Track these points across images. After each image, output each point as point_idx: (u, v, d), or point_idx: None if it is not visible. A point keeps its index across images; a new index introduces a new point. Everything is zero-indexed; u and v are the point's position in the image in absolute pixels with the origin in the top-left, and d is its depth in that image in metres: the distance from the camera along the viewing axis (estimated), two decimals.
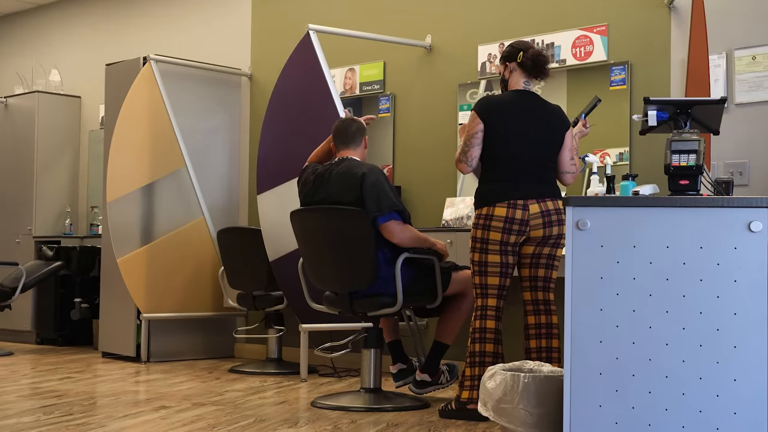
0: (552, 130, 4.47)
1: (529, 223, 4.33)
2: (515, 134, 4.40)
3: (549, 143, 4.45)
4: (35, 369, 6.39)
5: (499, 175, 4.41)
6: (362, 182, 4.65)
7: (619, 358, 3.07)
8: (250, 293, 6.36)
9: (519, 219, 4.32)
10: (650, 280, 3.07)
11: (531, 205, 4.33)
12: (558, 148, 4.48)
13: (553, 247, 4.44)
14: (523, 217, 4.32)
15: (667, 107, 3.50)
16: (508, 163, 4.40)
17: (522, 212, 4.32)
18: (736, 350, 3.00)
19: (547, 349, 4.42)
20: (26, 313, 8.21)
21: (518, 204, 4.32)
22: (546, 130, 4.45)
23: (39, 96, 8.54)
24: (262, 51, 7.39)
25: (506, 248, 4.37)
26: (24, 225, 8.47)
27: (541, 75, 4.51)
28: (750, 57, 5.07)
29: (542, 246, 4.43)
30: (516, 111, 4.44)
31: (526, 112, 4.44)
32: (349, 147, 4.93)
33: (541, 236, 4.38)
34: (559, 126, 4.49)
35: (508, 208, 4.32)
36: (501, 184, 4.38)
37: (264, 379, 5.93)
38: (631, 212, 3.11)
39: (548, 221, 4.36)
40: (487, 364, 4.32)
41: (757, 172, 5.02)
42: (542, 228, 4.36)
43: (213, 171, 7.26)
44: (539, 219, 4.34)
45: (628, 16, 5.51)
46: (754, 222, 3.01)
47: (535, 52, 4.48)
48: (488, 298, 4.44)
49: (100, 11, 8.70)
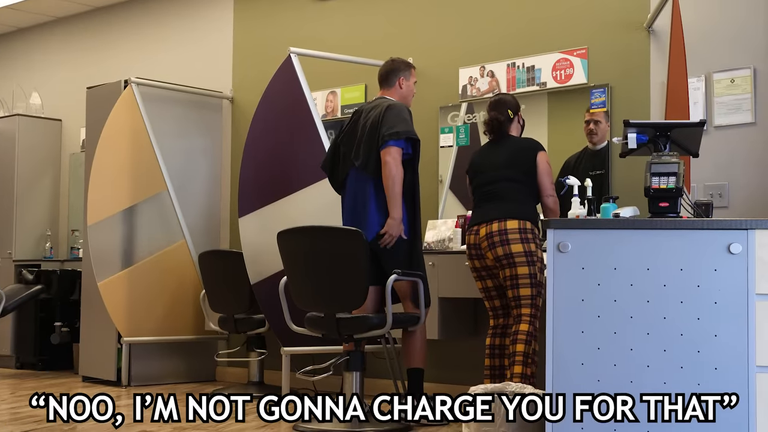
0: (513, 152, 4.82)
1: (480, 246, 4.70)
2: (480, 165, 4.91)
3: (510, 164, 4.80)
4: (14, 394, 6.33)
5: (473, 206, 4.92)
6: (384, 112, 4.93)
7: (601, 380, 3.08)
8: (232, 316, 6.33)
9: (473, 244, 4.74)
10: (631, 302, 3.08)
11: (480, 229, 4.71)
12: (523, 169, 4.79)
13: (511, 267, 4.63)
14: (476, 241, 4.73)
15: (647, 130, 3.53)
16: (477, 198, 4.87)
17: (474, 237, 4.74)
18: (717, 372, 3.01)
19: (512, 353, 4.58)
20: (6, 338, 8.13)
21: (473, 230, 4.75)
22: (507, 153, 4.82)
23: (19, 119, 8.49)
24: (244, 74, 7.39)
25: (480, 273, 4.81)
26: (4, 248, 8.40)
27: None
28: (729, 80, 5.11)
29: (503, 269, 4.66)
30: (490, 153, 4.94)
31: (497, 151, 4.90)
32: (383, 87, 5.23)
33: (493, 257, 4.66)
34: (523, 149, 4.84)
35: (468, 235, 4.78)
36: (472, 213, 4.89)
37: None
38: (611, 234, 3.13)
39: (491, 243, 4.64)
40: (485, 377, 4.76)
41: (736, 194, 5.05)
42: (489, 249, 4.66)
43: (194, 194, 7.24)
44: (485, 241, 4.67)
45: (608, 40, 5.55)
46: (733, 244, 3.03)
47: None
48: (490, 319, 4.88)
49: (80, 34, 8.69)
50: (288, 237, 4.89)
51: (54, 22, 8.93)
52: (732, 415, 2.99)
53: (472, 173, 4.96)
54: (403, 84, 5.20)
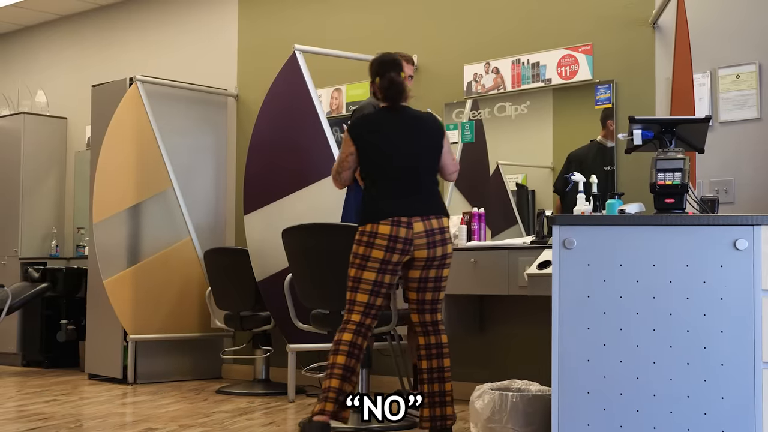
0: (424, 133, 4.35)
1: (413, 242, 4.18)
2: (392, 149, 4.30)
3: (425, 147, 4.33)
4: (21, 392, 6.35)
5: (382, 192, 4.28)
6: None
7: (607, 376, 3.07)
8: (238, 314, 6.34)
9: (403, 237, 4.17)
10: (637, 298, 3.07)
11: (415, 223, 4.18)
12: (437, 155, 4.35)
13: (439, 268, 4.27)
14: (407, 235, 4.17)
15: (652, 126, 3.52)
16: (389, 180, 4.28)
17: (406, 230, 4.17)
18: (723, 368, 3.00)
19: (438, 369, 4.28)
20: (12, 335, 8.15)
21: (402, 222, 4.17)
22: (418, 133, 4.34)
23: (25, 117, 8.51)
24: (249, 71, 7.40)
25: (386, 267, 4.21)
26: (10, 246, 8.42)
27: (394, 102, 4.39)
28: (734, 75, 5.10)
29: (428, 269, 4.26)
30: (389, 126, 4.35)
31: (399, 125, 4.34)
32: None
33: (425, 257, 4.22)
34: (434, 133, 4.38)
35: (392, 226, 4.16)
36: (384, 201, 4.25)
37: (251, 400, 5.90)
38: (617, 231, 3.13)
39: (432, 241, 4.20)
40: (335, 376, 4.14)
41: (742, 190, 5.04)
42: (426, 248, 4.20)
43: (200, 191, 7.25)
44: (423, 239, 4.19)
45: (613, 36, 5.54)
46: (739, 240, 3.02)
47: (389, 79, 4.33)
48: (353, 314, 4.26)
49: (86, 32, 8.70)
50: (293, 234, 4.89)
51: (59, 20, 8.94)
52: (738, 411, 2.98)
53: (367, 145, 4.34)
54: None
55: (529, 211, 5.79)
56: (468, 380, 5.72)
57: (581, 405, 3.09)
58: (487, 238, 5.74)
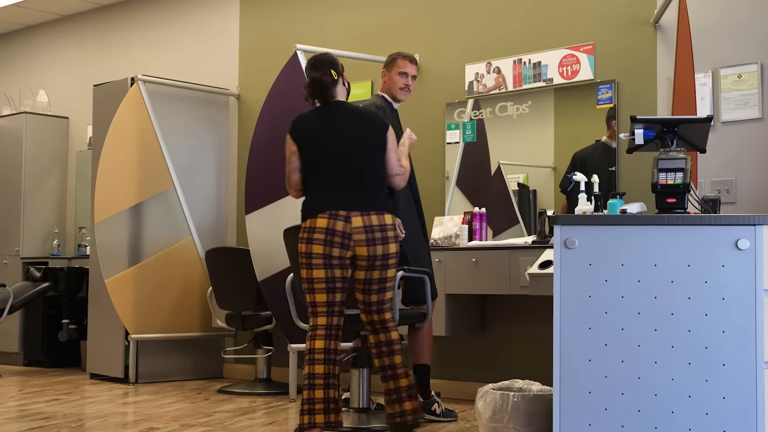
0: (362, 126, 4.34)
1: (352, 236, 4.13)
2: (328, 145, 4.29)
3: (362, 140, 4.31)
4: (22, 391, 6.35)
5: (321, 187, 4.27)
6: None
7: (608, 376, 3.07)
8: (239, 313, 6.34)
9: (340, 231, 4.12)
10: (638, 298, 3.07)
11: (354, 218, 4.14)
12: (378, 149, 4.32)
13: (382, 269, 4.22)
14: (345, 229, 4.12)
15: (654, 126, 3.52)
16: (328, 175, 4.27)
17: (344, 224, 4.13)
18: (725, 368, 3.00)
19: (390, 366, 4.26)
20: (13, 335, 8.15)
21: (340, 215, 4.14)
22: (355, 127, 4.33)
23: (26, 117, 8.52)
24: (250, 71, 7.40)
25: (330, 262, 4.15)
26: (11, 246, 8.43)
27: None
28: (736, 75, 5.10)
29: (371, 270, 4.21)
30: (324, 123, 4.35)
31: (333, 121, 4.35)
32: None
33: (366, 255, 4.16)
34: (375, 126, 4.36)
35: (329, 219, 4.13)
36: (322, 195, 4.23)
37: (253, 400, 5.90)
38: (619, 230, 3.12)
39: (371, 238, 4.15)
40: (318, 386, 4.11)
41: (743, 189, 5.04)
42: (365, 245, 4.15)
43: (201, 191, 7.25)
44: (362, 234, 4.14)
45: (615, 35, 5.54)
46: (741, 240, 3.02)
47: (310, 80, 4.40)
48: (318, 317, 4.21)
49: (87, 32, 8.70)
50: (294, 234, 4.88)
51: (61, 20, 8.94)
52: (739, 411, 2.98)
53: (306, 143, 4.33)
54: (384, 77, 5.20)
55: (530, 211, 5.80)
56: (469, 380, 5.73)
57: (582, 405, 3.09)
58: (489, 237, 5.74)
